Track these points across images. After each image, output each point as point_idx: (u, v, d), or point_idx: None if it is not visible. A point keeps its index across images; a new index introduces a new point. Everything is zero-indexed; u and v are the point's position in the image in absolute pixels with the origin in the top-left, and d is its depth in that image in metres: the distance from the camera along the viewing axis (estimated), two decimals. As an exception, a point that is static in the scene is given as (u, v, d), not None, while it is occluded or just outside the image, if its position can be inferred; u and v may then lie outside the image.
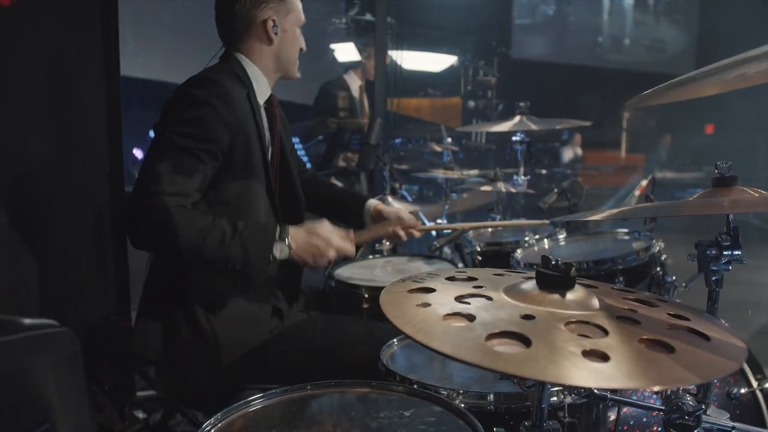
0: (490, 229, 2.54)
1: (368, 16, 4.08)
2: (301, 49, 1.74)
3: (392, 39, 4.41)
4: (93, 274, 2.37)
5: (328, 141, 4.00)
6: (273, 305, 1.72)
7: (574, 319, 0.72)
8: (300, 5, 1.72)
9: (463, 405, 1.12)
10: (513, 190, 2.41)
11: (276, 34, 1.65)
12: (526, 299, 0.78)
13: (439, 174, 2.72)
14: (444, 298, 0.80)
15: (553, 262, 0.81)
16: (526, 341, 0.66)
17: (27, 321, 0.73)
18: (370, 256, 2.47)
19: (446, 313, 0.73)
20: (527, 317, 0.72)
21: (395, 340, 1.54)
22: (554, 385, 0.85)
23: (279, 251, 1.51)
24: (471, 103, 5.90)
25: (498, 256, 2.14)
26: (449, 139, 5.28)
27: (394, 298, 0.81)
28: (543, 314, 0.73)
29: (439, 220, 2.85)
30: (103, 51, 2.31)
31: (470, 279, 0.90)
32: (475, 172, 3.77)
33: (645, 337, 0.69)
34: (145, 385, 2.49)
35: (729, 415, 1.20)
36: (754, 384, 1.76)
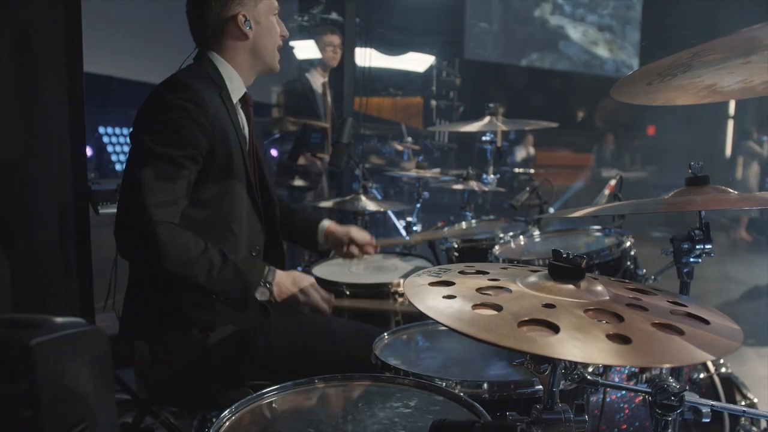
0: (464, 226, 2.61)
1: (334, 15, 4.10)
2: (283, 36, 1.72)
3: (359, 38, 4.43)
4: (59, 275, 2.30)
5: (295, 139, 3.99)
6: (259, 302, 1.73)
7: (591, 307, 0.78)
8: None
9: (461, 394, 1.18)
10: (485, 188, 2.49)
11: (249, 28, 1.63)
12: (542, 290, 0.83)
13: (412, 173, 2.77)
14: (465, 290, 0.84)
15: (564, 255, 0.87)
16: (554, 327, 0.72)
17: (58, 320, 0.72)
18: (347, 254, 2.49)
19: (474, 303, 0.78)
20: (548, 306, 0.78)
21: (386, 335, 1.59)
22: (569, 368, 0.91)
23: (260, 294, 1.55)
24: (433, 102, 6.00)
25: (474, 253, 2.21)
26: (410, 138, 5.36)
27: (419, 290, 0.85)
28: (562, 303, 0.79)
29: (409, 218, 2.91)
30: (65, 47, 2.24)
31: (481, 273, 0.95)
32: (437, 170, 3.85)
33: (656, 321, 0.75)
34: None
35: (698, 396, 1.31)
36: (712, 369, 1.91)
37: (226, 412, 1.06)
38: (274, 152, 4.41)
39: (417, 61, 5.75)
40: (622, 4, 11.06)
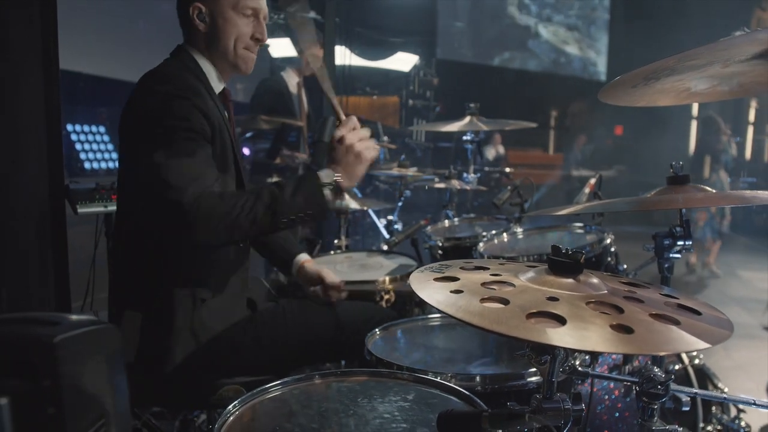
0: (447, 224, 2.66)
1: (312, 14, 4.09)
2: (256, 40, 1.64)
3: (338, 38, 4.44)
4: (35, 275, 2.26)
5: (273, 138, 3.98)
6: (247, 297, 1.74)
7: (592, 300, 0.82)
8: None
9: (460, 388, 1.21)
10: (467, 187, 2.54)
11: (202, 20, 1.59)
12: (544, 284, 0.87)
13: (394, 171, 2.80)
14: (471, 285, 0.87)
15: (563, 251, 0.91)
16: (560, 319, 0.75)
17: (74, 317, 0.73)
18: (331, 252, 2.51)
19: (482, 297, 0.81)
20: (552, 299, 0.81)
21: (377, 330, 1.61)
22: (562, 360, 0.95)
23: (326, 176, 1.48)
24: (410, 102, 6.04)
25: (458, 251, 2.26)
26: (386, 138, 5.38)
27: (426, 286, 0.88)
28: (564, 296, 0.83)
29: (390, 216, 2.94)
30: (41, 47, 2.20)
31: (481, 268, 0.99)
32: (414, 169, 3.89)
33: (653, 312, 0.80)
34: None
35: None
36: (686, 361, 1.99)
37: (230, 407, 1.07)
38: (246, 151, 4.38)
39: (403, 61, 5.81)
40: (587, 5, 11.34)
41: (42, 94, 2.22)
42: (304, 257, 1.99)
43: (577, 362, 1.39)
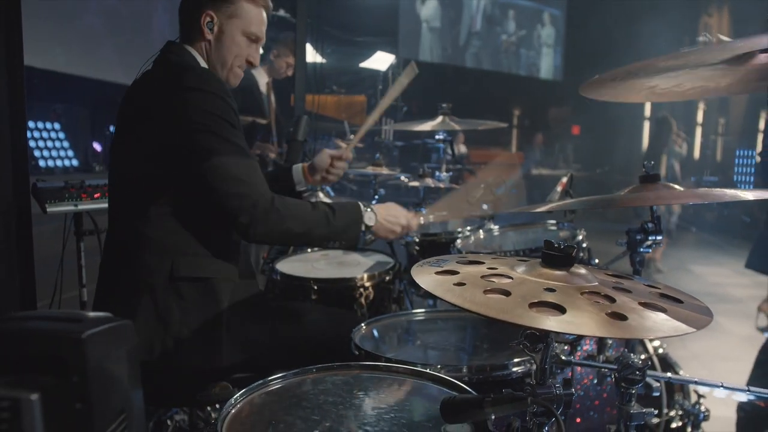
0: (422, 221, 2.70)
1: (281, 12, 4.08)
2: (249, 63, 1.74)
3: (310, 37, 4.43)
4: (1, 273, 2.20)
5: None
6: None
7: (586, 290, 0.88)
8: (256, 16, 1.70)
9: (457, 380, 1.25)
10: (441, 185, 2.60)
11: (210, 30, 1.65)
12: (540, 276, 0.93)
13: (369, 170, 2.84)
14: (471, 278, 0.92)
15: (556, 245, 0.97)
16: (560, 308, 0.81)
17: (91, 314, 0.74)
18: (308, 250, 2.52)
19: (485, 289, 0.86)
20: (549, 290, 0.87)
21: (363, 325, 1.65)
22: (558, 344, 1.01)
23: (368, 219, 1.72)
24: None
25: (435, 247, 2.31)
26: (352, 136, 5.40)
27: (430, 280, 0.92)
28: (560, 287, 0.88)
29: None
30: (5, 42, 2.14)
31: (477, 263, 1.04)
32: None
33: (641, 301, 0.86)
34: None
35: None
36: (651, 351, 2.10)
37: (231, 400, 1.09)
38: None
39: (380, 61, 5.85)
40: (536, 9, 11.68)
41: (6, 91, 2.16)
42: (300, 165, 2.12)
43: (558, 351, 1.47)
